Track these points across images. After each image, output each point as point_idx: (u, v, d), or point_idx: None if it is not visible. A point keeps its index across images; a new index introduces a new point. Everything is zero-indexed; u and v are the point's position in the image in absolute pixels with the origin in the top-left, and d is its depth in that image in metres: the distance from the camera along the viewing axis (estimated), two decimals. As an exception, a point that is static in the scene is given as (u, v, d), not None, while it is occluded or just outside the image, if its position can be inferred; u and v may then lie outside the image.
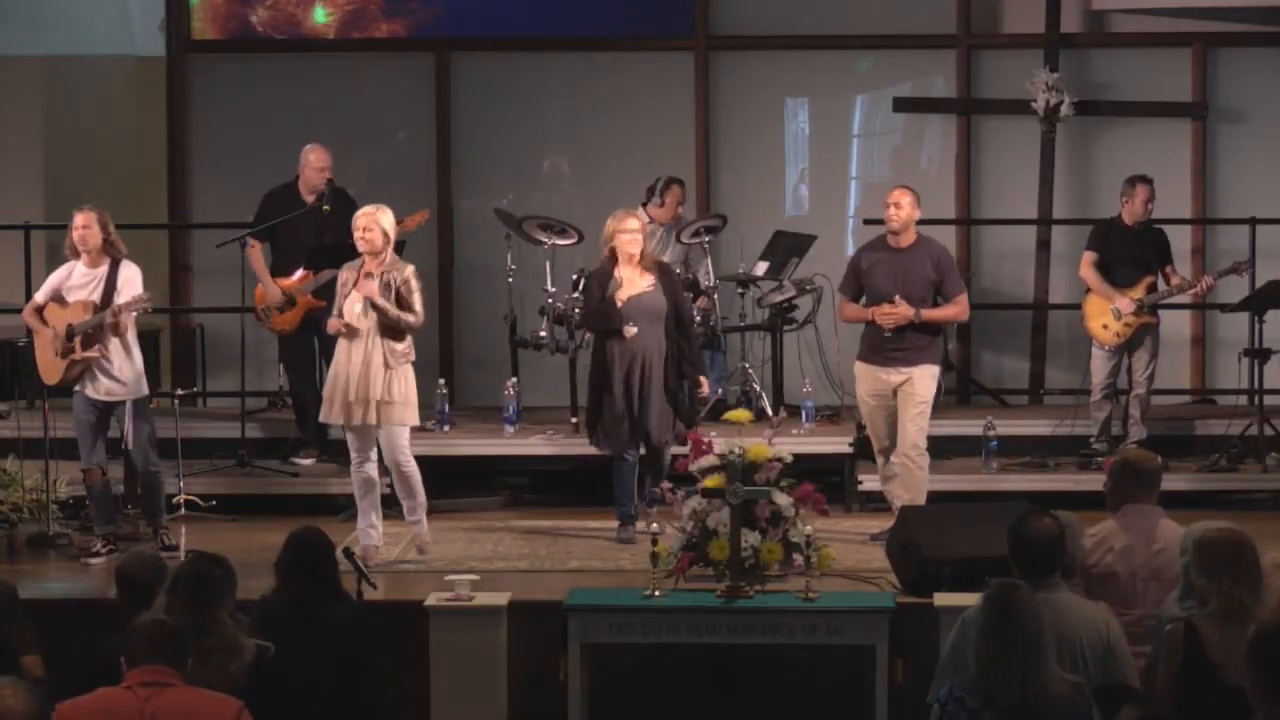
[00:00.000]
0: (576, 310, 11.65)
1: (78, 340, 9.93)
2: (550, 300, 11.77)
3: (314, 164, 11.65)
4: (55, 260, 13.86)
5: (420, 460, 9.92)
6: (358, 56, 13.44)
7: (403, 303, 9.64)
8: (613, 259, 10.22)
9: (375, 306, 9.57)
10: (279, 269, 11.65)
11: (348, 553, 8.03)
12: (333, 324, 9.77)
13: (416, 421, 9.90)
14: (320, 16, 13.42)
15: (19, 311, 12.65)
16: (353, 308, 9.65)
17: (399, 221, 10.03)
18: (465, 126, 13.34)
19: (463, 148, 13.34)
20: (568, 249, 12.10)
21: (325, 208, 11.53)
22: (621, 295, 10.15)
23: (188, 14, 13.39)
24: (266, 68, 13.45)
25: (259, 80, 13.42)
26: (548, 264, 11.89)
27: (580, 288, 11.73)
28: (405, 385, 9.70)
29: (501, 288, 12.21)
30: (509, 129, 13.31)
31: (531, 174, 13.38)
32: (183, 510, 10.79)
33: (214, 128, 13.40)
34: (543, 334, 11.84)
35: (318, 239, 11.48)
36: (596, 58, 13.40)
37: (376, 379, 9.60)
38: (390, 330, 9.62)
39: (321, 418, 10.00)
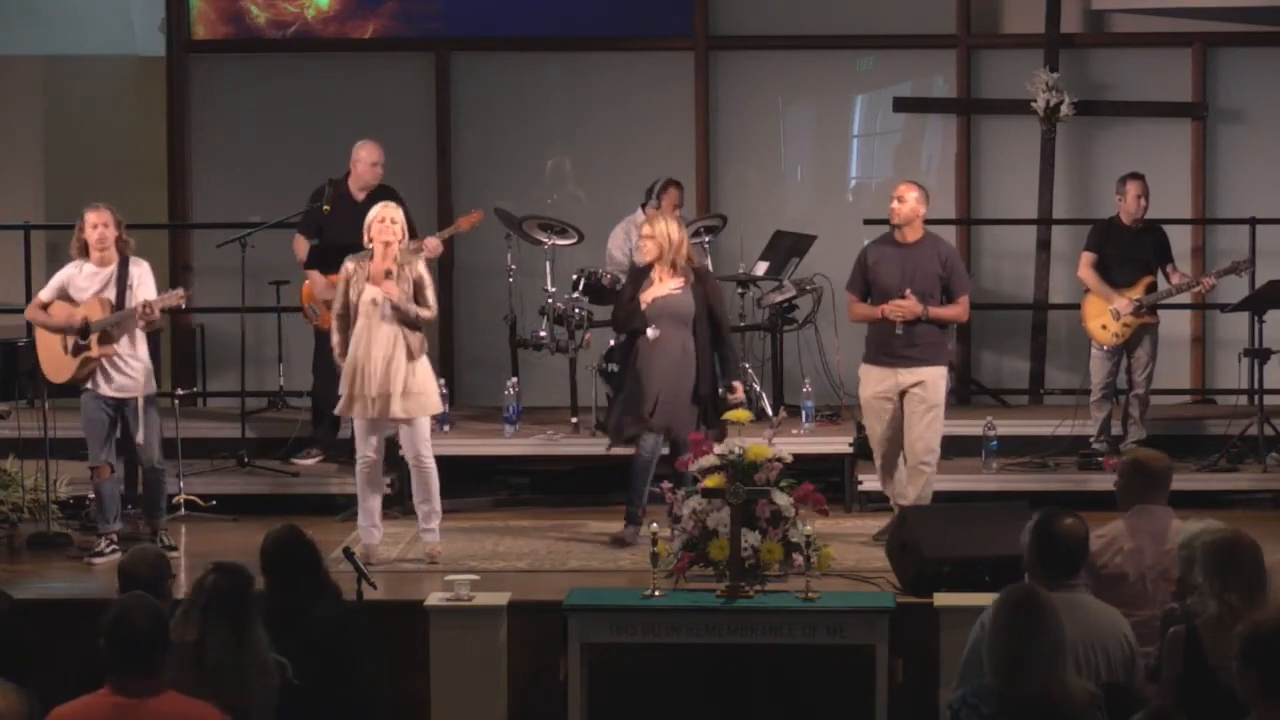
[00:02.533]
0: (577, 310, 11.65)
1: (94, 338, 9.91)
2: (550, 300, 11.77)
3: (365, 159, 11.54)
4: (55, 260, 13.88)
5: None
6: (358, 56, 13.45)
7: (417, 296, 9.66)
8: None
9: (395, 306, 9.57)
10: (327, 267, 11.55)
11: (348, 553, 8.01)
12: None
13: (439, 409, 9.97)
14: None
15: (20, 311, 12.69)
16: (367, 301, 9.64)
17: (452, 222, 10.00)
18: (465, 126, 13.34)
19: (463, 148, 13.35)
20: (568, 249, 12.11)
21: (325, 208, 11.51)
22: (646, 296, 10.07)
23: (188, 14, 13.39)
24: (266, 68, 13.46)
25: (259, 80, 13.43)
26: (548, 264, 11.89)
27: (581, 287, 11.74)
28: (426, 375, 9.73)
29: (501, 288, 12.21)
30: (509, 129, 13.32)
31: (531, 174, 13.39)
32: (183, 510, 10.79)
33: (214, 128, 13.40)
34: (543, 334, 11.83)
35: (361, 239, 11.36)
36: (596, 58, 13.41)
37: (398, 372, 9.60)
38: (408, 322, 9.64)
39: (340, 411, 9.90)
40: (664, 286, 10.05)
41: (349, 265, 9.75)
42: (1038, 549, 6.72)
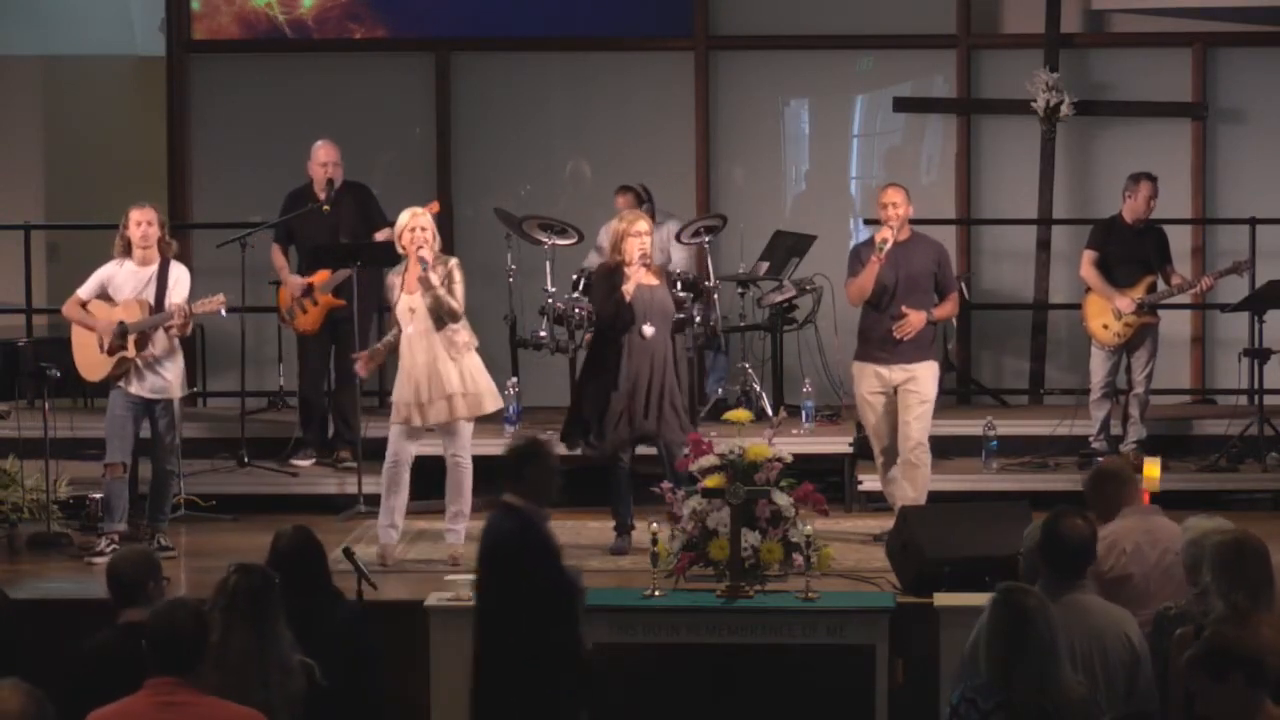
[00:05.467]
0: (576, 310, 11.64)
1: (131, 339, 9.88)
2: (550, 300, 11.77)
3: (317, 159, 11.59)
4: (56, 260, 13.94)
5: (421, 460, 9.91)
6: (358, 56, 13.45)
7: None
8: (620, 259, 10.04)
9: (430, 292, 9.54)
10: (297, 270, 11.59)
11: (348, 552, 7.99)
12: (363, 366, 10.04)
13: (498, 404, 9.96)
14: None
15: (20, 311, 12.71)
16: (404, 310, 9.63)
17: None
18: (465, 126, 13.34)
19: (463, 148, 13.35)
20: (568, 249, 12.11)
21: (325, 208, 11.52)
22: (628, 288, 9.85)
23: (188, 14, 13.38)
24: (266, 68, 13.46)
25: (259, 80, 13.43)
26: (548, 264, 11.89)
27: (581, 287, 11.72)
28: (477, 373, 9.72)
29: (501, 288, 12.21)
30: (509, 129, 13.32)
31: (531, 174, 13.38)
32: (183, 510, 10.78)
33: (214, 128, 13.40)
34: (543, 334, 11.84)
35: (332, 238, 11.43)
36: (596, 58, 13.41)
37: (449, 373, 9.62)
38: (442, 323, 9.62)
39: (396, 419, 9.75)
40: (647, 284, 9.97)
41: (391, 278, 9.78)
42: (1045, 550, 6.70)
